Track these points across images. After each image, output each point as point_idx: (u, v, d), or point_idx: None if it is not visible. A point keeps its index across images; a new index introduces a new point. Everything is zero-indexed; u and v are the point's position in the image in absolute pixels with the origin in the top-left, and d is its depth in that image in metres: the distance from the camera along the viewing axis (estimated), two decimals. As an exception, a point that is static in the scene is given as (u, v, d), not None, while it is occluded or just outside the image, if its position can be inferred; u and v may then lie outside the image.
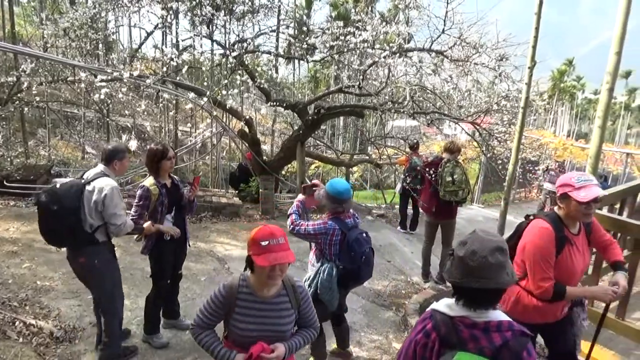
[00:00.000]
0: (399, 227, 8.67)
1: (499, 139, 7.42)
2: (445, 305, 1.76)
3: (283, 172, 12.13)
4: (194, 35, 6.84)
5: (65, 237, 3.23)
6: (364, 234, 3.43)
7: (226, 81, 6.24)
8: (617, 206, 4.45)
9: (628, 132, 73.99)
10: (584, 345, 3.20)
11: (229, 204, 8.57)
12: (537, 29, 3.90)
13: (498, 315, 1.68)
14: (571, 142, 15.99)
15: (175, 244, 3.89)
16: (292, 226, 3.38)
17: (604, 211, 4.04)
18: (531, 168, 12.71)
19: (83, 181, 3.25)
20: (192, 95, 6.72)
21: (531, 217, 2.92)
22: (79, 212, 3.17)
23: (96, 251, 3.31)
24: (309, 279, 3.45)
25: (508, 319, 1.68)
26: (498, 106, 7.25)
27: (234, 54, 6.26)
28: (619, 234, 4.03)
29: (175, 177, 4.02)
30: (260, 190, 8.83)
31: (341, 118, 20.76)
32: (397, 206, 10.01)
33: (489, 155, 8.51)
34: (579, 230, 2.82)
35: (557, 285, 2.66)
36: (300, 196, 3.62)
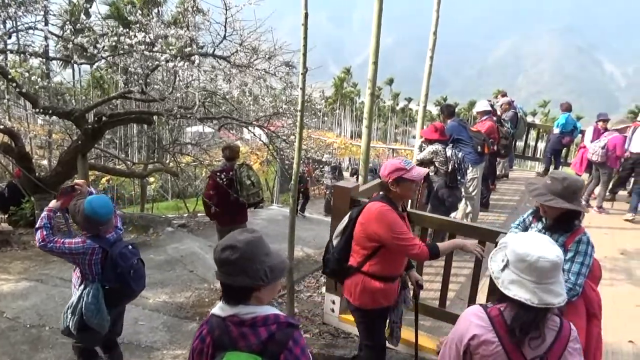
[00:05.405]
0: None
1: (287, 141, 7.93)
2: (219, 307, 1.72)
3: (67, 190, 10.68)
4: None
5: None
6: (130, 246, 3.18)
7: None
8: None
9: (396, 131, 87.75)
10: (406, 334, 3.48)
11: (-6, 232, 7.15)
12: (305, 38, 4.26)
13: (266, 309, 1.69)
14: (350, 142, 18.23)
15: None
16: (42, 242, 2.88)
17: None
18: (317, 167, 13.93)
19: None
20: None
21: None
22: None
23: None
24: (71, 305, 3.02)
25: (276, 312, 1.70)
26: (282, 110, 7.75)
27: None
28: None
29: None
30: (37, 211, 7.62)
31: (134, 126, 19.36)
32: (199, 214, 10.23)
33: (278, 157, 9.05)
34: (403, 209, 3.06)
35: (428, 244, 2.86)
36: (53, 203, 3.12)
